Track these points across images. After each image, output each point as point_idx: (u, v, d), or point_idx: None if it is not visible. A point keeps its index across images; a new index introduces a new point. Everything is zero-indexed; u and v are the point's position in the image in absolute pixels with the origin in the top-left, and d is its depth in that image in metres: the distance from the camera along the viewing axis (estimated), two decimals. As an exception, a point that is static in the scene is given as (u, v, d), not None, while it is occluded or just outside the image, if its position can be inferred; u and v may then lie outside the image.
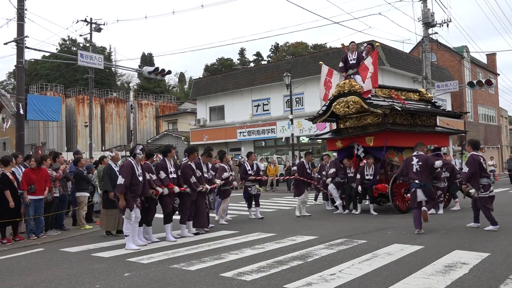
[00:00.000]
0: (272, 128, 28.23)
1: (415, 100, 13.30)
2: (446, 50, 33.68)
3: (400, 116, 12.13)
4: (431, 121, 13.21)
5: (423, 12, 21.57)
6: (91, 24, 27.19)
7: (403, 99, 12.64)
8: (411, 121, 12.49)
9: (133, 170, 7.64)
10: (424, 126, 12.86)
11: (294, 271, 5.61)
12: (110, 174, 8.74)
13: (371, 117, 12.03)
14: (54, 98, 24.59)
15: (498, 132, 42.52)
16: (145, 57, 63.92)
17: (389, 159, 11.93)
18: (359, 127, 12.42)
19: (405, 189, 11.44)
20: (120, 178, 7.53)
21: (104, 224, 9.22)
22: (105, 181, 8.76)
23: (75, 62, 17.25)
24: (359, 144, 12.34)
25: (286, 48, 66.46)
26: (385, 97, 12.29)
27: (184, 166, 8.88)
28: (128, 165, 7.66)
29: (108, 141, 44.08)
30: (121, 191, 7.48)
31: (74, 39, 57.06)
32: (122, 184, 7.47)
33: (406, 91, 13.72)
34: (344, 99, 12.01)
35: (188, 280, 5.38)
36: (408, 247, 6.91)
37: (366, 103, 11.54)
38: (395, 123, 11.98)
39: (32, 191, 8.74)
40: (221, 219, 10.66)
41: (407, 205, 11.52)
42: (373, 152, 12.01)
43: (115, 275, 5.73)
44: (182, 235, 8.74)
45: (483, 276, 5.15)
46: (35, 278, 5.73)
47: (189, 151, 9.35)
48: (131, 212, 7.60)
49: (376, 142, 11.69)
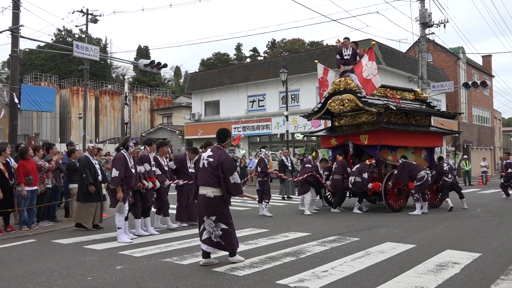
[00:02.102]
0: (267, 124, 28.22)
1: (410, 99, 13.32)
2: (442, 51, 33.79)
3: (395, 115, 12.14)
4: (425, 121, 13.23)
5: (421, 12, 21.59)
6: (87, 15, 26.96)
7: (398, 98, 12.65)
8: (406, 120, 12.50)
9: (126, 162, 7.62)
10: (418, 126, 12.88)
11: (287, 267, 5.62)
12: (89, 166, 8.66)
13: (365, 116, 12.04)
14: (48, 89, 24.39)
15: (491, 134, 42.78)
16: (141, 49, 63.56)
17: (383, 158, 11.96)
18: (353, 125, 12.43)
19: (398, 188, 11.53)
20: (114, 170, 7.47)
21: (79, 217, 8.82)
22: (86, 173, 8.60)
23: (70, 53, 17.10)
24: (353, 142, 12.36)
25: (283, 44, 66.40)
26: (380, 96, 12.29)
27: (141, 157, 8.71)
28: (121, 157, 7.62)
29: (102, 133, 43.89)
30: (117, 183, 7.44)
31: (69, 29, 56.59)
32: (117, 176, 7.42)
33: (401, 90, 13.74)
34: (339, 97, 12.00)
35: (180, 274, 5.37)
36: (400, 246, 6.95)
37: (361, 102, 11.54)
38: (390, 122, 11.98)
39: (30, 182, 8.69)
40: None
41: (399, 204, 11.64)
42: (367, 150, 12.05)
43: (107, 268, 5.71)
44: (168, 227, 8.98)
45: (474, 276, 5.19)
46: (26, 269, 5.70)
47: (147, 143, 9.19)
48: (124, 204, 7.57)
49: (370, 140, 11.71)
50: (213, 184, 5.71)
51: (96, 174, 8.82)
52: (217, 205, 5.71)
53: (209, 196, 5.70)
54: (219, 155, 5.77)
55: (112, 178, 7.50)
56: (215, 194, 5.70)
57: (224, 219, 5.73)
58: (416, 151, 12.85)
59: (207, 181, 5.73)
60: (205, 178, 5.77)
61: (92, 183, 8.63)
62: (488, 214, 11.07)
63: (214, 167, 5.71)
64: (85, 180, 8.63)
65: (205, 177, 5.76)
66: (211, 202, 5.70)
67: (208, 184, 5.72)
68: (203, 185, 5.78)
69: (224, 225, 5.70)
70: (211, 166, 5.74)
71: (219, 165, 5.69)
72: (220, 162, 5.70)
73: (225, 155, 5.82)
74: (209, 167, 5.75)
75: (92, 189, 8.63)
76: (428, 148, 13.29)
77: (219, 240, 5.71)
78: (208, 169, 5.76)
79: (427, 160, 13.06)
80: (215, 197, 5.70)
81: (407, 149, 12.51)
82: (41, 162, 9.26)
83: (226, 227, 5.71)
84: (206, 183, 5.74)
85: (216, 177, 5.70)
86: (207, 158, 5.80)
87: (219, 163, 5.70)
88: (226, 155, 5.86)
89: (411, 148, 12.67)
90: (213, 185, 5.71)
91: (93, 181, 8.68)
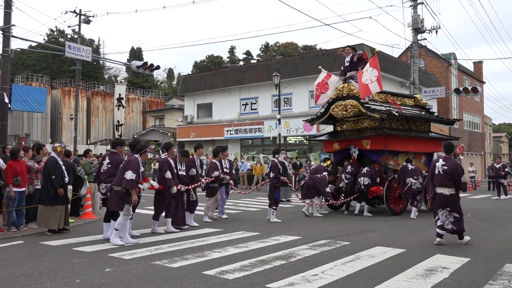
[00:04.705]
0: (259, 127, 28.22)
1: (410, 105, 13.61)
2: (434, 57, 34.06)
3: (396, 121, 12.44)
4: (425, 126, 13.56)
5: (413, 18, 21.76)
6: (80, 15, 26.86)
7: (399, 104, 12.89)
8: (407, 126, 12.82)
9: (140, 167, 7.62)
10: (418, 132, 13.21)
11: (277, 271, 5.61)
12: (56, 167, 8.44)
13: (368, 121, 12.33)
14: (40, 89, 24.24)
15: (482, 139, 43.14)
16: (134, 51, 63.41)
17: (384, 163, 12.23)
18: (355, 130, 12.73)
19: (399, 193, 11.73)
20: (131, 173, 7.35)
21: (43, 221, 8.50)
22: (55, 175, 8.32)
23: (62, 53, 17.01)
24: (355, 146, 12.64)
25: (276, 48, 66.57)
26: (382, 101, 12.51)
27: (162, 162, 8.92)
28: (136, 161, 7.54)
29: (94, 134, 43.63)
30: (134, 186, 7.42)
31: (62, 30, 56.33)
32: (134, 179, 7.36)
33: (402, 96, 14.09)
34: (342, 103, 12.24)
35: (170, 277, 5.34)
36: (390, 250, 6.97)
37: (364, 107, 11.81)
38: (391, 127, 12.30)
39: (18, 183, 8.58)
40: (205, 216, 10.61)
41: (400, 208, 11.89)
42: (369, 155, 12.37)
43: (95, 270, 5.66)
44: (152, 231, 8.85)
45: (463, 281, 5.21)
46: (14, 271, 5.63)
47: (167, 147, 9.31)
48: (130, 207, 7.59)
49: (373, 145, 12.04)
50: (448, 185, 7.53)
51: (63, 176, 8.56)
52: (452, 200, 7.53)
53: (446, 194, 7.49)
54: (451, 163, 7.56)
55: (128, 180, 7.34)
56: (450, 192, 7.51)
57: (458, 209, 7.55)
58: (416, 156, 13.10)
59: (443, 184, 7.51)
60: (441, 181, 7.51)
61: (61, 186, 8.46)
62: (478, 219, 11.14)
63: (449, 172, 7.45)
64: (54, 182, 8.33)
65: (442, 180, 7.50)
66: (448, 199, 7.50)
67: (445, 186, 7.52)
68: (440, 186, 7.55)
69: (457, 213, 7.50)
70: (446, 172, 7.48)
71: (453, 171, 7.46)
72: (453, 168, 7.48)
73: (455, 163, 7.67)
74: (444, 173, 7.49)
75: (62, 191, 8.42)
76: (428, 153, 13.56)
77: (451, 226, 7.47)
78: (444, 175, 7.50)
79: (426, 165, 13.25)
80: (450, 195, 7.52)
81: (407, 154, 12.76)
82: (31, 163, 9.16)
83: (458, 215, 7.52)
84: (442, 185, 7.53)
85: (451, 180, 7.46)
86: (442, 166, 7.55)
87: (452, 169, 7.47)
88: (456, 163, 7.71)
89: (411, 153, 12.90)
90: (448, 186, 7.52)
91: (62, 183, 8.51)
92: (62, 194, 8.47)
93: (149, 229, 8.96)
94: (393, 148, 12.24)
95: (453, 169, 7.46)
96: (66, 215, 8.79)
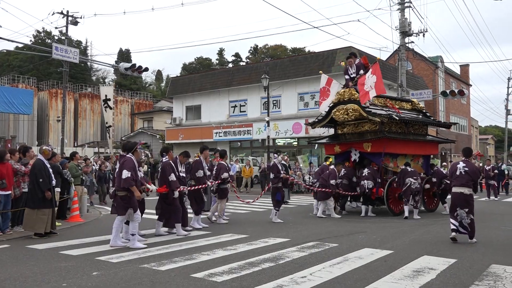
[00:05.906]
0: (248, 130, 28.23)
1: (408, 109, 13.96)
2: (421, 59, 34.34)
3: (396, 124, 12.74)
4: (422, 130, 13.89)
5: (401, 21, 21.95)
6: (67, 16, 26.57)
7: (397, 108, 13.24)
8: (405, 129, 13.12)
9: (135, 165, 7.62)
10: (416, 135, 13.53)
11: (265, 273, 5.61)
12: (44, 170, 8.34)
13: (368, 125, 12.58)
14: (26, 91, 24.00)
15: (468, 142, 43.57)
16: (122, 53, 62.97)
17: (385, 165, 12.59)
18: (356, 133, 12.99)
19: (399, 194, 12.07)
20: (126, 172, 7.33)
21: (29, 225, 8.38)
22: (43, 178, 8.22)
23: (49, 55, 16.87)
24: (356, 149, 12.99)
25: (265, 50, 66.65)
26: (381, 106, 12.88)
27: (164, 165, 8.88)
28: (131, 160, 7.55)
29: (81, 137, 43.31)
30: (131, 184, 7.38)
31: (49, 31, 55.70)
32: (129, 177, 7.32)
33: (400, 100, 14.58)
34: (343, 107, 12.53)
35: (158, 280, 5.31)
36: (378, 252, 7.01)
37: (365, 111, 12.08)
38: (391, 131, 12.61)
39: (3, 186, 8.45)
40: (219, 218, 10.64)
41: (399, 208, 12.21)
42: (369, 157, 12.72)
43: (82, 274, 5.60)
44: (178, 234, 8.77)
45: (449, 282, 5.27)
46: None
47: (166, 151, 9.30)
48: (133, 212, 7.53)
49: (373, 148, 12.38)
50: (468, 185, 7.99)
51: (50, 179, 8.48)
52: (471, 201, 8.01)
53: (466, 193, 7.92)
54: (471, 165, 8.13)
55: (124, 179, 7.32)
56: (470, 192, 7.98)
57: (473, 212, 8.00)
58: (414, 159, 13.40)
59: (463, 184, 7.95)
60: (463, 181, 7.96)
61: (49, 189, 8.36)
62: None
63: (470, 173, 7.96)
64: (42, 185, 8.24)
65: (463, 181, 7.96)
66: (466, 198, 7.94)
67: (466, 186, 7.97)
68: (460, 186, 7.97)
69: (472, 215, 7.92)
70: (467, 173, 7.96)
71: (473, 173, 8.02)
72: (472, 170, 8.03)
73: (475, 165, 8.37)
74: (466, 174, 7.97)
75: (49, 195, 8.33)
76: (425, 156, 13.86)
77: (468, 226, 7.87)
78: (465, 175, 7.97)
79: (423, 167, 13.64)
80: (470, 194, 7.99)
81: (406, 157, 13.07)
82: (17, 165, 9.04)
83: (473, 217, 7.95)
84: (462, 185, 7.96)
85: (470, 181, 7.98)
86: (463, 167, 8.02)
87: (472, 171, 8.01)
88: (475, 165, 8.35)
89: (410, 156, 13.20)
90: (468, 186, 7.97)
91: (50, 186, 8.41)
92: (49, 198, 8.38)
93: (142, 231, 8.86)
94: (393, 150, 12.63)
95: (473, 171, 8.03)
96: (53, 218, 8.68)
